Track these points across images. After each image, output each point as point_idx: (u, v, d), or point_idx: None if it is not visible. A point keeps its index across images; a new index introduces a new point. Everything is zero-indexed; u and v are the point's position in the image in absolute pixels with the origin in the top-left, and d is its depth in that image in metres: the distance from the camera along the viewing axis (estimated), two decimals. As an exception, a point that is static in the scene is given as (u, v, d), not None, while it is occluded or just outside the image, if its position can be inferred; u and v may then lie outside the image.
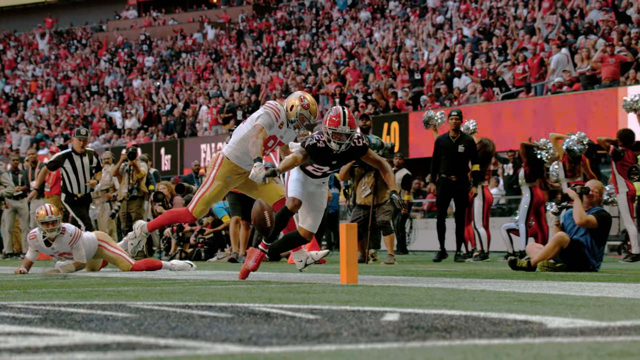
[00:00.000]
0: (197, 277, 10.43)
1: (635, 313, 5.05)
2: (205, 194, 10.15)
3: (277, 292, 7.26)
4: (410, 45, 33.69)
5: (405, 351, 3.53)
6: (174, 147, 34.96)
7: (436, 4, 37.97)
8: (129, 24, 54.41)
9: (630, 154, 15.23)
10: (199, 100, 37.52)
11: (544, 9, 31.08)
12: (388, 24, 38.31)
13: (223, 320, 4.74)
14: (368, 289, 7.54)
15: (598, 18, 27.79)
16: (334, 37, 40.12)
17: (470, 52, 30.11)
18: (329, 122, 8.90)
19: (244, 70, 39.41)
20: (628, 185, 15.07)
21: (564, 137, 15.66)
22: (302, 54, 39.54)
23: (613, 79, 24.07)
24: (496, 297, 6.45)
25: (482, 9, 34.42)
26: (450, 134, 15.61)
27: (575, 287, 7.79)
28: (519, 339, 3.88)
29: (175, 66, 44.86)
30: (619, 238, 18.96)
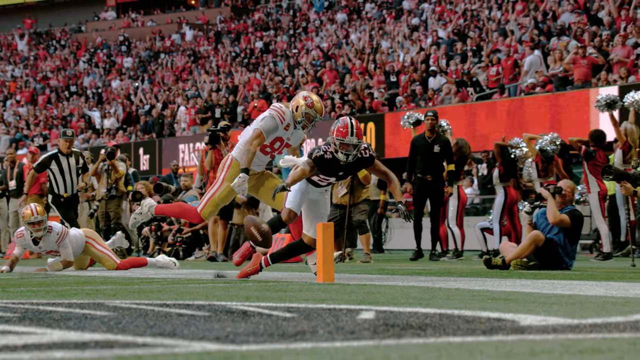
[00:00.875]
0: (175, 275, 10.40)
1: (606, 311, 5.08)
2: (215, 196, 9.93)
3: (254, 290, 7.25)
4: (386, 47, 33.73)
5: (380, 349, 3.53)
6: (153, 147, 34.87)
7: (411, 6, 38.03)
8: (107, 25, 54.22)
9: (602, 154, 15.31)
10: (177, 100, 37.44)
11: (517, 11, 31.20)
12: (364, 25, 38.34)
13: (200, 318, 4.73)
14: (344, 288, 7.55)
15: (570, 20, 27.92)
16: (311, 39, 40.13)
17: (445, 54, 30.19)
18: (336, 132, 8.80)
19: (222, 71, 39.36)
20: (600, 185, 15.14)
21: (537, 137, 15.73)
22: (280, 55, 39.51)
23: (585, 80, 24.18)
24: (470, 295, 6.46)
25: (457, 11, 34.50)
26: (426, 134, 15.65)
27: (547, 285, 7.82)
28: (492, 337, 3.89)
29: (154, 67, 44.75)
30: (590, 237, 19.05)
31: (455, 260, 15.69)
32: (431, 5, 36.38)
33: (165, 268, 12.18)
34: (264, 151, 9.79)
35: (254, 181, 10.04)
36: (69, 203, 15.60)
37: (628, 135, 15.50)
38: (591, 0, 29.05)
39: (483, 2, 33.92)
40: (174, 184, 20.96)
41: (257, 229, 8.94)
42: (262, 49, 41.19)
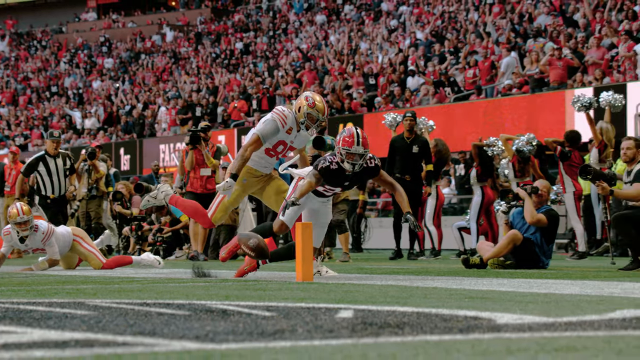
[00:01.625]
0: (155, 275, 10.38)
1: (581, 309, 5.10)
2: (224, 200, 9.82)
3: (234, 289, 7.25)
4: (365, 48, 33.76)
5: (358, 347, 3.53)
6: (133, 148, 34.78)
7: (390, 8, 38.08)
8: (88, 26, 54.04)
9: (577, 155, 15.37)
10: (157, 101, 37.35)
11: (494, 13, 31.30)
12: (343, 27, 38.36)
13: (180, 317, 4.72)
14: (323, 287, 7.55)
15: (546, 22, 28.03)
16: (290, 40, 40.12)
17: (423, 55, 30.25)
18: (342, 142, 8.73)
19: (202, 72, 39.30)
20: (575, 185, 15.20)
21: (514, 138, 15.78)
22: (260, 56, 39.49)
23: (561, 81, 24.28)
24: (447, 294, 6.47)
25: (435, 13, 34.58)
26: (405, 135, 15.67)
27: (523, 284, 7.85)
28: (469, 335, 3.90)
29: (135, 67, 44.63)
30: (566, 236, 19.12)
31: (432, 259, 15.72)
32: (409, 8, 36.44)
33: (150, 267, 12.15)
34: (269, 154, 9.70)
35: (261, 183, 9.92)
36: (55, 204, 15.50)
37: (604, 135, 15.57)
38: (567, 3, 29.17)
39: (460, 4, 34.01)
40: (155, 184, 20.90)
41: (247, 246, 8.84)
42: (242, 50, 41.15)
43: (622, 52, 23.94)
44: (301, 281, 8.46)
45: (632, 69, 23.49)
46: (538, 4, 30.07)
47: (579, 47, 25.17)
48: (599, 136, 15.56)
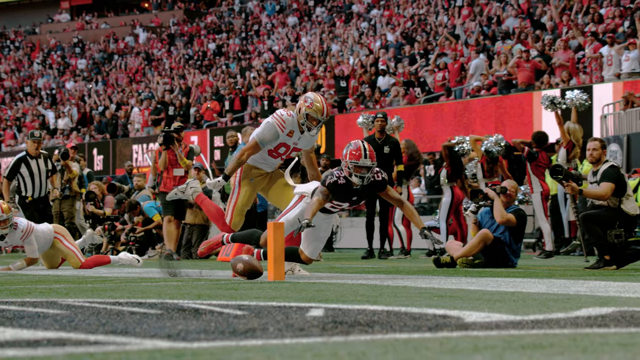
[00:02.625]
0: (127, 274, 10.34)
1: (547, 307, 5.12)
2: (237, 203, 9.71)
3: (206, 288, 7.23)
4: (336, 50, 33.79)
5: (328, 345, 3.54)
6: (106, 148, 34.64)
7: (361, 10, 38.13)
8: (61, 27, 53.76)
9: (544, 155, 15.46)
10: (130, 102, 37.22)
11: (464, 15, 31.41)
12: (315, 29, 38.38)
13: (152, 316, 4.70)
14: (294, 286, 7.55)
15: (514, 25, 28.16)
16: (262, 42, 40.08)
17: (393, 57, 30.31)
18: (349, 156, 8.59)
19: (175, 73, 39.20)
20: (542, 186, 15.28)
21: (483, 139, 15.83)
22: (232, 57, 39.43)
23: (528, 83, 24.40)
24: (417, 293, 6.49)
25: (405, 15, 34.65)
26: (376, 136, 15.70)
27: (492, 282, 7.88)
28: (437, 333, 3.91)
29: (108, 68, 44.45)
30: (533, 236, 19.22)
31: (402, 258, 15.75)
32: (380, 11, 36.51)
33: (130, 266, 12.08)
34: (271, 155, 9.62)
35: (266, 181, 9.85)
36: (34, 205, 15.34)
37: (571, 135, 15.66)
38: (534, 6, 29.33)
39: (430, 7, 34.10)
40: (129, 184, 20.83)
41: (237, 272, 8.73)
42: (214, 51, 41.07)
43: (588, 53, 24.10)
44: (273, 280, 8.46)
45: (598, 70, 23.65)
46: (506, 7, 30.21)
47: (547, 50, 25.31)
48: (567, 136, 15.66)
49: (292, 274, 9.50)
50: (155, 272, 10.50)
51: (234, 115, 32.28)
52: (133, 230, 17.64)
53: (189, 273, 9.74)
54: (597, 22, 25.54)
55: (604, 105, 21.73)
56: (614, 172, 10.88)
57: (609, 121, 21.24)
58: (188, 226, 16.89)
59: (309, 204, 8.65)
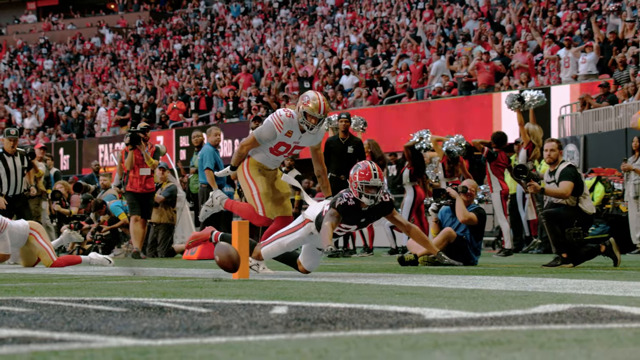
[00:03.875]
0: (93, 272, 10.28)
1: (506, 304, 5.15)
2: (260, 192, 9.48)
3: (171, 286, 7.21)
4: (300, 51, 33.79)
5: (291, 342, 3.53)
6: (73, 148, 34.43)
7: (325, 13, 38.16)
8: (28, 28, 53.34)
9: (504, 155, 15.55)
10: (97, 102, 37.02)
11: (425, 18, 31.52)
12: (279, 30, 38.35)
13: (118, 314, 4.68)
14: (258, 284, 7.54)
15: (474, 27, 28.31)
16: (228, 43, 40.00)
17: (356, 58, 30.37)
18: (359, 176, 8.44)
19: (141, 74, 39.02)
20: (502, 185, 15.37)
21: (444, 139, 15.90)
22: (198, 58, 39.32)
23: (488, 85, 24.53)
24: (379, 290, 6.50)
25: (368, 18, 34.72)
26: (340, 136, 15.72)
27: (452, 280, 7.91)
28: (398, 330, 3.92)
29: (74, 69, 44.17)
30: (493, 234, 19.32)
31: (365, 256, 15.77)
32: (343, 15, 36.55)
33: (101, 266, 11.99)
34: (273, 153, 9.49)
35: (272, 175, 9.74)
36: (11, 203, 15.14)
37: (531, 135, 15.77)
38: (494, 9, 29.48)
39: (392, 10, 34.19)
40: (96, 183, 20.71)
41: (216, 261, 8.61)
42: (180, 52, 40.93)
43: (546, 55, 24.27)
44: (237, 278, 8.44)
45: (556, 72, 23.82)
46: (467, 10, 30.35)
47: (506, 52, 25.46)
48: (527, 137, 15.77)
49: (257, 272, 9.48)
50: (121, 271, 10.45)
51: (200, 115, 32.21)
52: (99, 229, 17.54)
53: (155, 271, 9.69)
54: (555, 25, 25.73)
55: (561, 106, 21.90)
56: (572, 172, 10.98)
57: (567, 122, 21.40)
58: (154, 225, 16.83)
59: (323, 230, 8.29)
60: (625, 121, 18.66)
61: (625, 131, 18.22)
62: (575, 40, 23.99)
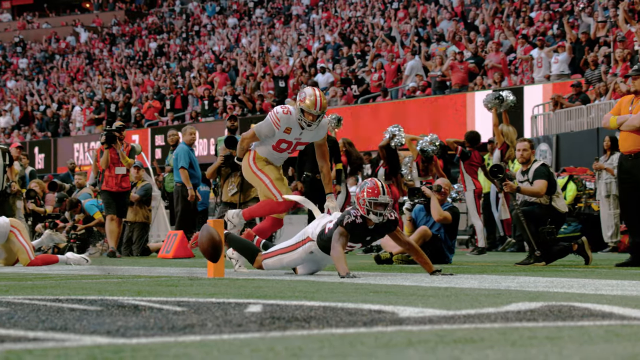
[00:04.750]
0: (68, 271, 10.23)
1: (479, 302, 5.17)
2: (271, 179, 9.36)
3: (146, 285, 7.18)
4: (275, 51, 33.77)
5: (266, 340, 3.53)
6: (48, 147, 34.26)
7: (300, 12, 38.14)
8: (3, 27, 53.01)
9: (477, 154, 15.60)
10: (72, 101, 36.84)
11: (400, 18, 31.56)
12: (255, 30, 38.30)
13: (92, 313, 4.66)
14: (233, 282, 7.53)
15: (448, 27, 28.39)
16: (203, 42, 39.91)
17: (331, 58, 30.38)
18: (367, 194, 8.25)
19: (116, 73, 38.88)
20: (475, 184, 15.42)
21: (418, 138, 15.93)
22: (173, 57, 39.21)
23: (462, 84, 24.60)
24: (353, 289, 6.51)
25: (343, 17, 34.74)
26: (314, 135, 15.71)
27: (426, 278, 7.93)
28: (372, 328, 3.92)
29: (49, 68, 43.94)
30: (466, 232, 19.38)
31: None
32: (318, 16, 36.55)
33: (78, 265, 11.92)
34: (275, 149, 9.41)
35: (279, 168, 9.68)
36: None
37: (505, 136, 15.84)
38: (468, 9, 29.57)
39: (367, 10, 34.22)
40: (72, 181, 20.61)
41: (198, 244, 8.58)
42: (156, 51, 40.81)
43: (519, 55, 24.36)
44: (212, 277, 8.43)
45: (529, 72, 23.92)
46: (440, 10, 30.42)
47: (479, 52, 25.54)
48: (502, 138, 15.84)
49: (233, 268, 9.46)
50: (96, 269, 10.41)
51: (175, 114, 32.13)
52: (74, 228, 17.45)
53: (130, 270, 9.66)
54: (528, 25, 25.84)
55: (534, 106, 22.00)
56: (545, 170, 11.06)
57: (539, 121, 21.50)
58: (129, 224, 16.77)
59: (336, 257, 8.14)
60: (597, 121, 18.77)
61: (597, 131, 18.33)
62: (547, 41, 24.11)
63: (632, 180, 10.16)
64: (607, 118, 10.40)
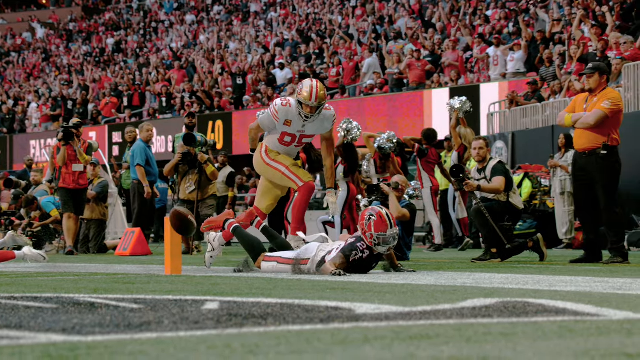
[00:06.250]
0: (24, 269, 10.14)
1: (435, 299, 5.19)
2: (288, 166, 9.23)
3: (103, 283, 7.14)
4: (234, 48, 33.69)
5: (222, 337, 3.52)
6: (4, 143, 33.93)
7: (258, 10, 38.07)
8: (-42, 22, 52.45)
9: (434, 151, 15.67)
10: (28, 97, 36.50)
11: (357, 16, 31.61)
12: (213, 27, 38.17)
13: (48, 310, 4.62)
14: (191, 279, 7.50)
15: (406, 25, 28.48)
16: (161, 39, 39.72)
17: (290, 55, 30.36)
18: (374, 227, 8.07)
19: (73, 70, 38.57)
20: (432, 181, 15.49)
21: (376, 136, 15.96)
22: (131, 54, 38.98)
23: (419, 82, 24.68)
24: (310, 286, 6.51)
25: (301, 15, 34.73)
26: (274, 133, 15.70)
27: (382, 275, 7.95)
28: (329, 325, 3.93)
29: (5, 63, 43.50)
30: (424, 229, 19.46)
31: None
32: (276, 14, 36.50)
33: (35, 262, 11.80)
34: (281, 143, 9.29)
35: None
36: None
37: (463, 138, 15.93)
38: (425, 7, 29.68)
39: (325, 7, 34.23)
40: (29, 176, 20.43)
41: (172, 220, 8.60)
42: (113, 47, 40.54)
43: (475, 54, 24.49)
44: (170, 274, 8.39)
45: (485, 69, 24.06)
46: (398, 8, 30.51)
47: (436, 49, 25.64)
48: (459, 140, 15.93)
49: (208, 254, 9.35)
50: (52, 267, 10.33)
51: (133, 111, 31.95)
52: (30, 225, 17.30)
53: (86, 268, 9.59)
54: (484, 23, 25.99)
55: (490, 104, 22.13)
56: (502, 167, 11.15)
57: (495, 119, 21.63)
58: (85, 221, 16.65)
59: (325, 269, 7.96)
60: (552, 118, 18.93)
61: (552, 128, 18.48)
62: (504, 39, 24.26)
63: (586, 178, 10.25)
64: (562, 116, 10.49)
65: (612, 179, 10.19)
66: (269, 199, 9.61)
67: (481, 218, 11.04)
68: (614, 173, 10.19)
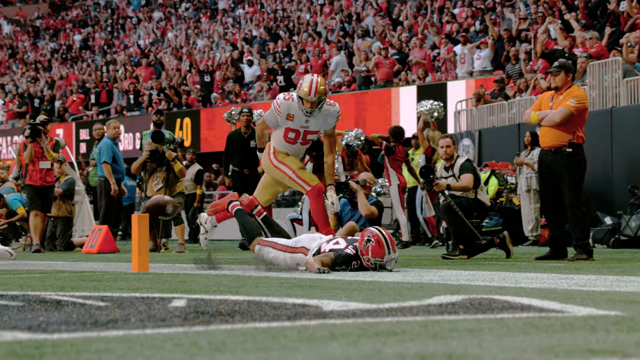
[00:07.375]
0: (-10, 267, 10.06)
1: (402, 296, 5.21)
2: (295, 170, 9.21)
3: (70, 280, 7.10)
4: (202, 45, 33.60)
5: (189, 335, 3.52)
6: (-30, 140, 33.63)
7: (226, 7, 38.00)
8: None
9: (401, 149, 15.72)
10: (-6, 94, 36.26)
11: (325, 13, 31.63)
12: (181, 24, 38.06)
13: (14, 308, 4.59)
14: (158, 277, 7.48)
15: (374, 23, 28.53)
16: (129, 36, 39.54)
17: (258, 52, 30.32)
18: (372, 253, 7.97)
19: (40, 66, 38.32)
20: (399, 178, 15.53)
21: (343, 133, 15.98)
22: (98, 51, 38.78)
23: (387, 80, 24.73)
24: (278, 283, 6.51)
25: (269, 12, 34.70)
26: (242, 130, 15.70)
27: (350, 272, 7.96)
28: (296, 322, 3.93)
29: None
30: (391, 227, 19.50)
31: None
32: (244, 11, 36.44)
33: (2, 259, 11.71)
34: (286, 140, 9.25)
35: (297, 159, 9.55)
36: None
37: (431, 140, 16.00)
38: (392, 5, 29.75)
39: (293, 4, 34.23)
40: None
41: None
42: (80, 44, 40.32)
43: (443, 54, 24.57)
44: (137, 272, 8.36)
45: (453, 69, 24.14)
46: (365, 5, 30.56)
47: (404, 47, 25.71)
48: (427, 142, 16.00)
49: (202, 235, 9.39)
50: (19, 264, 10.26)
51: (100, 108, 31.78)
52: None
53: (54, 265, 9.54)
54: (452, 21, 26.09)
55: (457, 101, 22.21)
56: (470, 165, 11.22)
57: (462, 117, 21.72)
58: (52, 219, 16.56)
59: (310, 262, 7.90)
60: (518, 116, 19.03)
61: (518, 126, 18.58)
62: (470, 37, 24.36)
63: (552, 175, 10.32)
64: (528, 114, 10.55)
65: (578, 176, 10.27)
66: (269, 193, 9.67)
67: (450, 214, 11.08)
68: (579, 170, 10.26)
